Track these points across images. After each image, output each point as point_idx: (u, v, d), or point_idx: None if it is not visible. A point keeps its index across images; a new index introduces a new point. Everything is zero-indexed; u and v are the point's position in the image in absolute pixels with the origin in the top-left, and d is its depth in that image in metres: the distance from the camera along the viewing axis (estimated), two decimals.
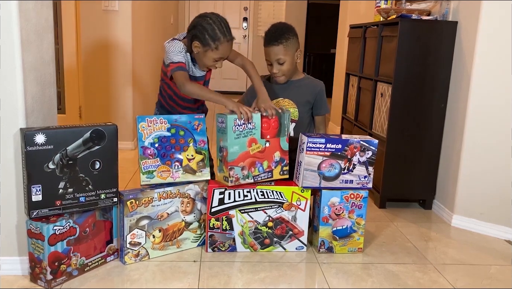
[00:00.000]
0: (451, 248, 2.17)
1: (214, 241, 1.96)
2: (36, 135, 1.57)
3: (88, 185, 1.72)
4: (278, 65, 2.06)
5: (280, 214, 1.97)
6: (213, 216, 1.93)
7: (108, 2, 3.39)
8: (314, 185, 1.95)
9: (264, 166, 1.93)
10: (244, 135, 1.86)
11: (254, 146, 1.89)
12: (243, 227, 1.96)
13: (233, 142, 1.84)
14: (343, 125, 3.43)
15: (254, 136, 1.88)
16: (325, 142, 1.92)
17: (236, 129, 1.84)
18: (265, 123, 1.90)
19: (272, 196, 1.95)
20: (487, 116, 2.29)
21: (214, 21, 1.90)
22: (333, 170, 1.95)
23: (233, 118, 1.83)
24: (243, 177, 1.88)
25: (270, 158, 1.93)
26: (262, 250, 2.00)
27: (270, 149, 1.93)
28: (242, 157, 1.87)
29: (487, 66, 2.27)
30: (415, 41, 2.46)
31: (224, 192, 1.91)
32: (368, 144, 1.96)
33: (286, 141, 1.96)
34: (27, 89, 1.65)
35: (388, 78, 2.56)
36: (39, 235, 1.59)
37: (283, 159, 1.96)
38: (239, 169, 1.87)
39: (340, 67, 4.60)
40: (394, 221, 2.45)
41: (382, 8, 2.81)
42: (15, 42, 1.59)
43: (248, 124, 1.86)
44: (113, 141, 1.75)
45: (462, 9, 2.44)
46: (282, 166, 1.96)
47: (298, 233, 2.01)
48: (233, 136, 1.84)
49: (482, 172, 2.34)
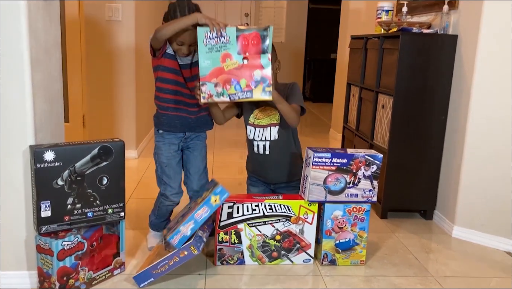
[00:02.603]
0: (452, 260, 2.20)
1: (223, 255, 1.99)
2: (45, 152, 1.60)
3: (96, 201, 1.75)
4: None
5: (288, 228, 2.00)
6: (222, 230, 1.96)
7: (112, 13, 3.42)
8: (320, 199, 1.98)
9: (242, 84, 1.80)
10: (217, 50, 1.76)
11: (229, 62, 1.78)
12: (251, 240, 1.99)
13: (204, 56, 1.76)
14: (344, 134, 3.46)
15: (229, 52, 1.77)
16: (331, 157, 1.95)
17: (207, 42, 1.75)
18: (243, 40, 1.77)
19: (280, 210, 1.98)
20: (487, 127, 2.33)
21: (179, 4, 1.90)
22: (339, 184, 1.98)
23: (203, 31, 1.75)
24: (217, 94, 1.80)
25: (249, 77, 1.80)
26: (270, 263, 2.03)
27: (248, 67, 1.79)
28: (215, 73, 1.78)
29: (487, 79, 2.31)
30: (416, 54, 2.50)
31: (233, 206, 1.94)
32: (373, 159, 1.99)
33: (268, 59, 1.80)
34: (36, 106, 1.68)
35: (389, 90, 2.60)
36: (48, 250, 1.63)
37: (264, 79, 1.80)
38: (212, 85, 1.79)
39: (341, 74, 4.63)
40: (395, 232, 2.48)
41: (383, 21, 2.84)
42: (25, 61, 1.62)
43: (221, 38, 1.76)
44: (120, 157, 1.78)
45: (462, 22, 2.47)
46: (264, 86, 1.80)
47: (305, 246, 2.04)
48: (204, 49, 1.75)
49: (483, 183, 2.37)
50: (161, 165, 2.09)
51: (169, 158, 2.08)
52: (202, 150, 2.16)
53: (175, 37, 1.90)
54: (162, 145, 2.08)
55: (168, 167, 2.08)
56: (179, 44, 1.93)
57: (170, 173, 2.09)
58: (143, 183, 3.09)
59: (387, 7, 3.05)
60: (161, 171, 2.10)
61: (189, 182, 2.15)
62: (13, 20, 1.59)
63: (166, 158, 2.08)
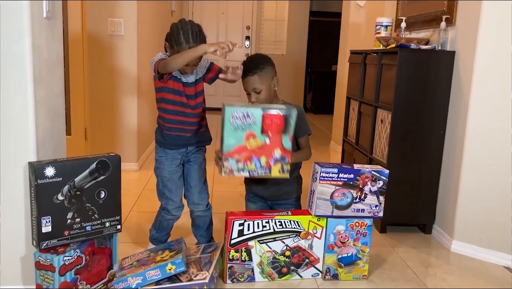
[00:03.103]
0: (451, 275, 2.20)
1: (233, 273, 2.00)
2: (46, 168, 1.62)
3: (94, 214, 1.77)
4: (256, 94, 2.08)
5: (297, 243, 2.02)
6: (232, 248, 1.97)
7: (114, 27, 3.47)
8: (326, 213, 2.00)
9: (262, 161, 1.88)
10: (242, 129, 1.83)
11: (252, 141, 1.85)
12: (261, 257, 2.00)
13: (229, 134, 1.82)
14: (344, 148, 3.48)
15: (253, 131, 1.84)
16: (338, 172, 1.97)
17: (233, 121, 1.81)
18: (267, 119, 1.85)
19: (289, 226, 1.99)
20: (486, 142, 2.34)
21: (182, 27, 1.94)
22: (345, 199, 2.00)
23: (231, 110, 1.80)
24: (237, 169, 1.86)
25: (269, 155, 1.88)
26: (279, 279, 2.04)
27: (270, 146, 1.87)
28: (238, 150, 1.85)
29: (485, 94, 2.33)
30: (414, 70, 2.53)
31: (244, 223, 1.95)
32: (379, 174, 2.01)
33: (290, 140, 1.88)
34: (38, 122, 1.71)
35: (388, 105, 2.62)
36: (49, 266, 1.64)
37: (284, 157, 1.89)
38: (234, 162, 1.85)
39: (341, 87, 4.66)
40: (394, 247, 2.49)
41: (382, 37, 2.88)
42: (28, 78, 1.65)
43: (247, 119, 1.82)
44: (117, 170, 1.81)
45: (459, 39, 2.50)
46: (283, 165, 1.89)
47: (314, 261, 2.05)
48: (230, 128, 1.82)
49: (482, 198, 2.38)
50: (163, 180, 2.11)
51: (172, 173, 2.10)
52: (202, 163, 2.18)
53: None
54: (165, 160, 2.10)
55: (170, 182, 2.10)
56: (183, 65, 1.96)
57: (172, 187, 2.11)
58: (144, 196, 3.11)
59: (386, 22, 3.08)
60: (163, 185, 2.12)
61: (190, 195, 2.16)
62: (17, 37, 1.62)
63: (168, 172, 2.10)
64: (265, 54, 2.17)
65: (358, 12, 4.51)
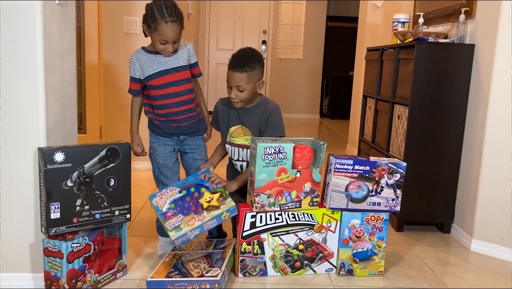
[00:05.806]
0: (470, 274, 2.12)
1: (245, 266, 1.96)
2: (55, 154, 1.61)
3: (104, 202, 1.76)
4: (238, 91, 2.01)
5: (311, 237, 1.97)
6: (244, 240, 1.93)
7: (130, 26, 3.49)
8: (341, 206, 1.94)
9: (293, 195, 1.90)
10: (274, 164, 1.84)
11: (283, 176, 1.87)
12: (274, 250, 1.96)
13: (261, 170, 1.84)
14: (360, 147, 3.42)
15: (285, 166, 1.86)
16: (353, 164, 1.92)
17: (265, 158, 1.83)
18: (298, 153, 1.87)
19: (303, 219, 1.94)
20: (506, 139, 2.26)
21: (155, 3, 1.89)
22: (361, 192, 1.94)
23: (263, 147, 1.82)
24: (268, 204, 1.88)
25: (300, 188, 1.90)
26: (292, 273, 1.99)
27: (300, 180, 1.89)
28: (270, 185, 1.86)
29: (505, 88, 2.25)
30: (432, 64, 2.46)
31: (256, 214, 1.91)
32: (396, 167, 1.95)
33: (320, 172, 1.91)
34: (49, 109, 1.71)
35: (405, 100, 2.56)
36: (57, 253, 1.62)
37: (314, 190, 1.92)
38: (265, 197, 1.87)
39: (358, 89, 4.60)
40: (411, 245, 2.42)
41: (399, 31, 2.82)
42: (39, 64, 1.65)
43: (279, 154, 1.84)
44: (127, 158, 1.81)
45: (479, 32, 2.44)
46: (313, 197, 1.92)
47: (328, 255, 2.00)
48: (262, 164, 1.83)
49: (502, 196, 2.29)
50: (158, 166, 2.11)
51: (165, 159, 2.10)
52: (202, 152, 2.18)
53: (157, 37, 1.89)
54: (157, 146, 2.11)
55: (164, 168, 2.10)
56: (162, 43, 1.92)
57: (167, 173, 2.11)
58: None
59: (403, 18, 3.03)
60: (159, 172, 2.12)
61: None
62: (28, 24, 1.62)
63: (162, 158, 2.10)
64: (258, 51, 2.09)
65: (375, 12, 4.46)
